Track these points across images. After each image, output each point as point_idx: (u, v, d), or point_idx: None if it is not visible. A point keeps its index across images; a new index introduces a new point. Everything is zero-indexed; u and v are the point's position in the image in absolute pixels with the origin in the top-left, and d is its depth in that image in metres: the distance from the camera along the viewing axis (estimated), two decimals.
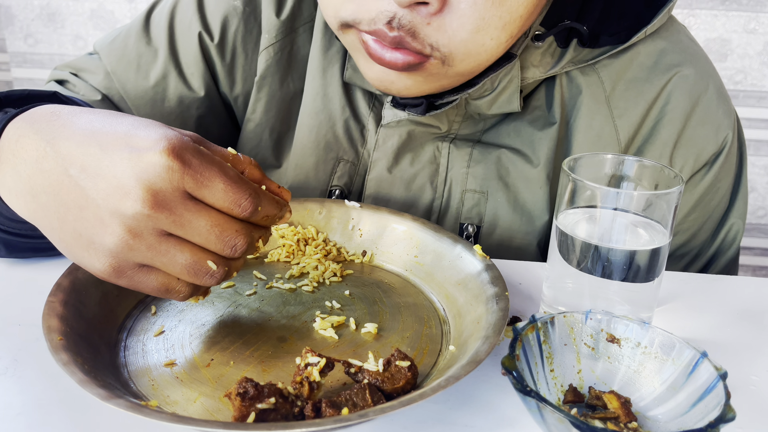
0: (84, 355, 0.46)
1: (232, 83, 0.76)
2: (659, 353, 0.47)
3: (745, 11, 1.98)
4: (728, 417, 0.40)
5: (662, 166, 0.54)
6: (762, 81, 2.04)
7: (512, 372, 0.42)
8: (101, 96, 0.73)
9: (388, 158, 0.72)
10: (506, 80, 0.66)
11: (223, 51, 0.74)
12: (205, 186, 0.45)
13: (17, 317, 0.54)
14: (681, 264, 0.74)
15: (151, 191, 0.43)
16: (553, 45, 0.67)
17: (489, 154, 0.72)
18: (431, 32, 0.56)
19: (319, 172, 0.74)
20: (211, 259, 0.46)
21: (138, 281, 0.47)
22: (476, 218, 0.72)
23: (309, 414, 0.44)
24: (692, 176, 0.71)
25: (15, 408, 0.45)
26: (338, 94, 0.73)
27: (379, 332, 0.54)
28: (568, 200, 0.53)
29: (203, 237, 0.45)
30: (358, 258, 0.64)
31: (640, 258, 0.52)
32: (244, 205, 0.46)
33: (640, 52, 0.69)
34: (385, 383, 0.46)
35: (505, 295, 0.52)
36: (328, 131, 0.74)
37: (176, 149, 0.44)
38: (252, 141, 0.77)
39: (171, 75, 0.74)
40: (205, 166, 0.45)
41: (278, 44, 0.74)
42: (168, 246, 0.45)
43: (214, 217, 0.45)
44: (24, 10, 2.14)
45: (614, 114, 0.69)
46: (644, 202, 0.51)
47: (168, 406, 0.45)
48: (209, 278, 0.47)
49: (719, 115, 0.70)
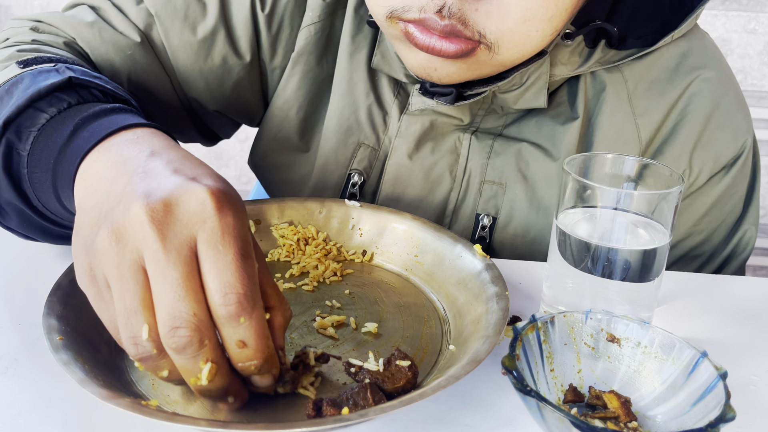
0: (84, 354, 0.46)
1: (273, 54, 0.75)
2: (659, 353, 0.47)
3: (745, 11, 1.98)
4: (728, 417, 0.40)
5: (662, 166, 0.54)
6: (762, 81, 2.04)
7: (512, 371, 0.42)
8: (140, 38, 0.69)
9: (409, 145, 0.73)
10: (535, 76, 0.67)
11: (271, 21, 0.74)
12: (216, 247, 0.38)
13: (17, 317, 0.54)
14: (694, 265, 0.75)
15: (167, 208, 0.39)
16: (581, 44, 0.68)
17: (509, 147, 0.72)
18: (480, 19, 0.56)
19: (339, 155, 0.74)
20: (151, 328, 0.38)
21: (101, 300, 0.41)
22: (493, 209, 0.72)
23: (309, 412, 0.44)
24: (710, 178, 0.71)
25: (15, 408, 0.45)
26: (363, 79, 0.73)
27: (379, 332, 0.54)
28: (568, 200, 0.53)
29: (160, 288, 0.38)
30: (358, 258, 0.64)
31: (640, 258, 0.52)
32: (229, 297, 0.38)
33: (663, 54, 0.70)
34: (385, 383, 0.46)
35: (505, 295, 0.52)
36: (351, 115, 0.74)
37: (224, 195, 0.40)
38: (278, 117, 0.76)
39: (220, 34, 0.72)
40: (236, 233, 0.39)
41: (320, 24, 0.74)
42: (131, 275, 0.39)
43: (190, 284, 0.38)
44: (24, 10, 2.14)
45: (636, 112, 0.70)
46: (644, 201, 0.51)
47: (168, 405, 0.45)
48: (130, 345, 0.39)
49: (738, 120, 0.71)
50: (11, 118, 0.51)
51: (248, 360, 0.40)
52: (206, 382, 0.39)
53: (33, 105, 0.51)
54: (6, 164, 0.52)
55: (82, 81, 0.53)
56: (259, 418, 0.45)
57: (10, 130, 0.51)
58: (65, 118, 0.50)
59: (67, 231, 0.55)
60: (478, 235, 0.73)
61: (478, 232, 0.73)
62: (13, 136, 0.51)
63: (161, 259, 0.38)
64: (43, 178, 0.50)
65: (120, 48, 0.68)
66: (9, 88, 0.54)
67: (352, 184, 0.75)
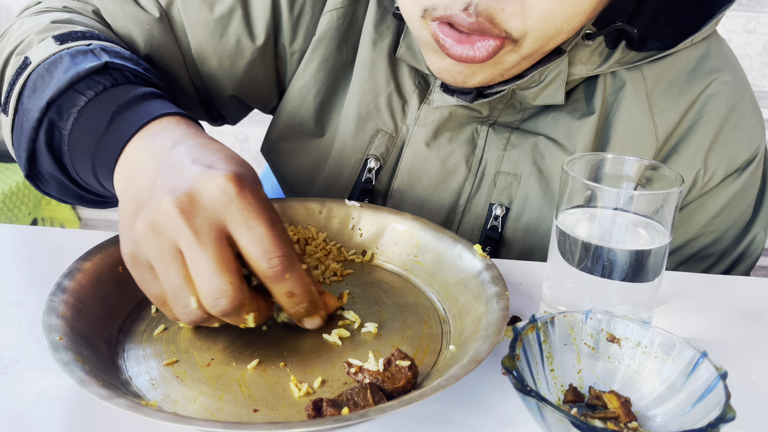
0: (84, 354, 0.46)
1: (293, 37, 0.75)
2: (659, 353, 0.47)
3: (745, 11, 1.98)
4: (728, 417, 0.40)
5: (663, 166, 0.54)
6: (762, 81, 2.04)
7: (512, 372, 0.42)
8: (159, 14, 0.71)
9: (427, 133, 0.73)
10: (553, 74, 0.68)
11: (293, 4, 0.74)
12: (247, 223, 0.44)
13: (17, 317, 0.54)
14: (703, 266, 0.75)
15: (191, 199, 0.44)
16: (601, 45, 0.68)
17: (526, 140, 0.73)
18: (505, 18, 0.57)
19: (357, 141, 0.75)
20: (198, 298, 0.45)
21: (144, 280, 0.47)
22: (506, 200, 0.73)
23: (309, 412, 0.44)
24: (723, 179, 0.72)
25: (15, 408, 0.45)
26: (385, 67, 0.74)
27: (379, 332, 0.54)
28: (568, 200, 0.53)
29: (197, 267, 0.44)
30: (358, 258, 0.64)
31: (640, 258, 0.52)
32: (273, 261, 0.45)
33: (683, 56, 0.71)
34: (385, 383, 0.46)
35: (505, 295, 0.52)
36: (371, 102, 0.74)
37: (241, 178, 0.45)
38: (295, 101, 0.77)
39: (236, 14, 0.73)
40: (260, 206, 0.45)
41: (342, 10, 0.74)
42: (171, 258, 0.45)
43: (222, 259, 0.44)
44: None
45: (654, 111, 0.70)
46: (644, 202, 0.51)
47: (168, 405, 0.45)
48: (183, 314, 0.46)
49: (753, 124, 0.72)
50: (53, 99, 0.57)
51: (299, 304, 0.48)
52: (253, 325, 0.48)
53: (73, 87, 0.57)
54: (48, 141, 0.58)
55: (117, 65, 0.59)
56: (259, 418, 0.45)
57: (52, 110, 0.57)
58: (102, 102, 0.56)
59: (101, 198, 0.65)
60: (491, 225, 0.73)
61: (490, 222, 0.73)
62: (55, 115, 0.57)
63: (193, 243, 0.44)
64: (83, 158, 0.56)
65: (139, 22, 0.70)
66: (49, 67, 0.59)
67: (369, 169, 0.75)
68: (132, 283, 0.55)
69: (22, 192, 2.02)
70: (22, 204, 2.03)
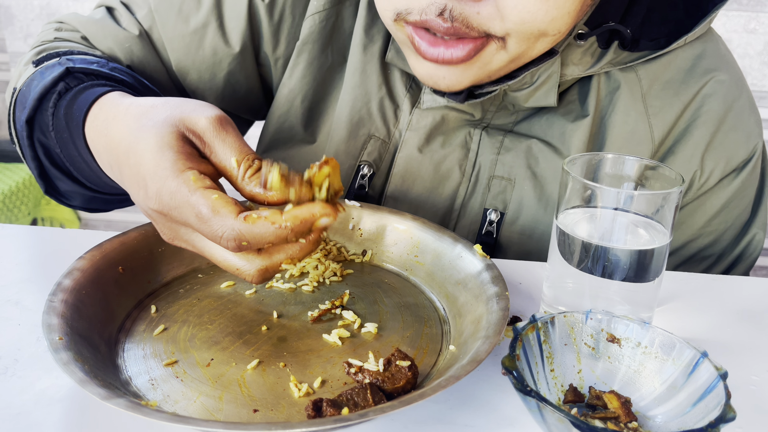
0: (84, 355, 0.46)
1: (276, 44, 0.76)
2: (659, 353, 0.47)
3: (745, 11, 1.98)
4: (728, 417, 0.40)
5: (663, 166, 0.54)
6: (762, 81, 2.04)
7: (512, 372, 0.42)
8: (138, 32, 0.73)
9: (420, 138, 0.73)
10: (545, 75, 0.67)
11: (272, 10, 0.74)
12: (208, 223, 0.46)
13: (17, 317, 0.54)
14: (702, 267, 0.75)
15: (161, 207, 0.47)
16: (594, 45, 0.68)
17: (520, 144, 0.72)
18: (483, 21, 0.57)
19: (350, 147, 0.75)
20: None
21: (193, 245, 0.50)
22: (501, 205, 0.73)
23: (309, 412, 0.44)
24: (721, 180, 0.72)
25: (15, 408, 0.45)
26: (376, 72, 0.74)
27: (379, 332, 0.54)
28: (568, 200, 0.53)
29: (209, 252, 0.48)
30: (358, 258, 0.64)
31: (640, 258, 0.52)
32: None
33: (678, 56, 0.70)
34: (385, 383, 0.46)
35: (505, 295, 0.52)
36: (363, 107, 0.74)
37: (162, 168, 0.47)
38: (283, 107, 0.77)
39: (211, 26, 0.74)
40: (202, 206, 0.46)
41: (325, 13, 0.74)
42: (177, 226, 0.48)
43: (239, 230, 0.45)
44: (24, 10, 2.15)
45: (649, 112, 0.70)
46: (644, 201, 0.51)
47: (168, 405, 0.45)
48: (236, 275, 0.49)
49: (751, 123, 0.71)
50: (30, 117, 0.61)
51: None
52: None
53: (42, 103, 0.61)
54: (52, 162, 0.64)
55: (79, 69, 0.62)
56: (259, 419, 0.45)
57: (36, 131, 0.62)
58: (59, 109, 0.59)
59: (122, 196, 0.70)
60: (486, 230, 0.73)
61: (485, 226, 0.73)
62: (42, 136, 0.62)
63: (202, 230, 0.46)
64: (81, 167, 0.60)
65: (119, 41, 0.73)
66: (26, 89, 0.64)
67: (362, 176, 0.75)
68: (132, 283, 0.56)
69: (22, 192, 2.02)
70: (22, 204, 2.03)
